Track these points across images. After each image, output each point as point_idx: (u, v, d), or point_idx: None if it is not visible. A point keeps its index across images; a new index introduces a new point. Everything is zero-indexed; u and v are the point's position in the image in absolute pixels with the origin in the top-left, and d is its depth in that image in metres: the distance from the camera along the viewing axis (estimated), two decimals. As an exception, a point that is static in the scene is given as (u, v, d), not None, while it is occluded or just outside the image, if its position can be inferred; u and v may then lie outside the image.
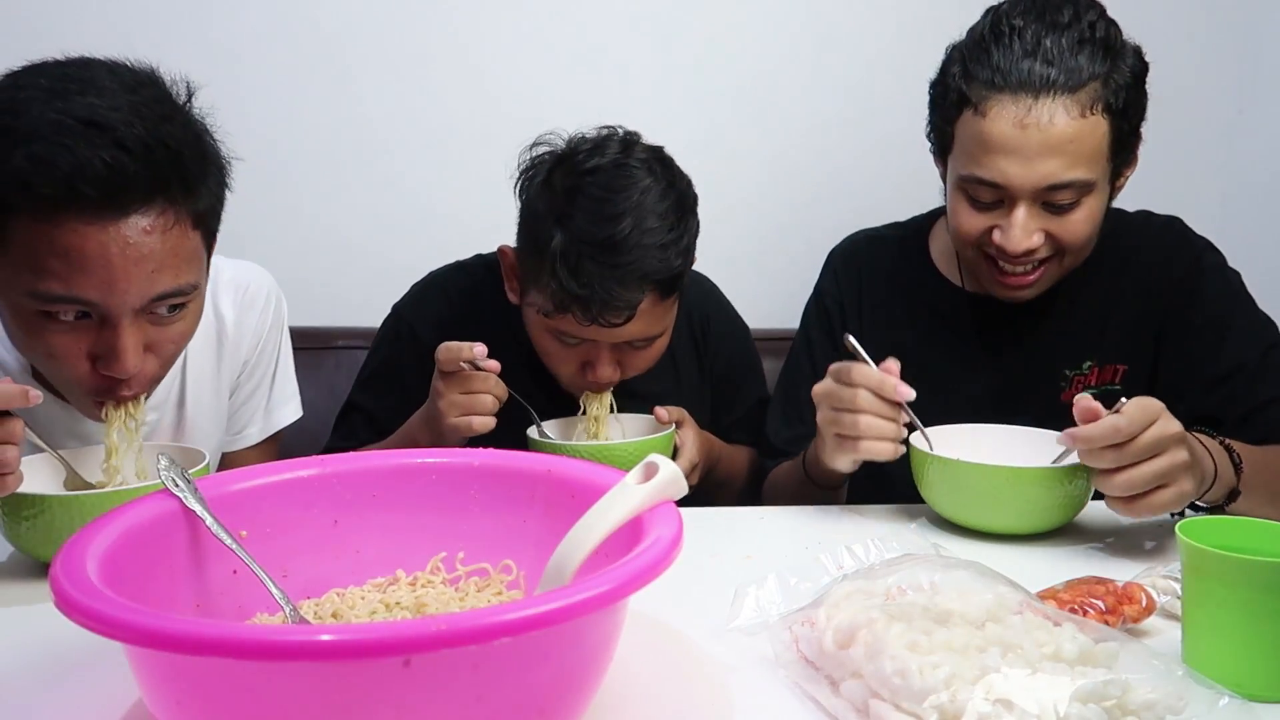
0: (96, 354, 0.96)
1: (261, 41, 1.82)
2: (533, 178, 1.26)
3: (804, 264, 1.63)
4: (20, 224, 0.89)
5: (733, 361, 1.52)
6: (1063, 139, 1.13)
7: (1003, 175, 1.15)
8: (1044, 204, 1.17)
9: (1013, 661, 0.63)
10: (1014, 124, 1.13)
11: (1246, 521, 0.77)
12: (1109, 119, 1.14)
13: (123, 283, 0.91)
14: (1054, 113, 1.12)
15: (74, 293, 0.90)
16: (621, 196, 1.19)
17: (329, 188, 1.88)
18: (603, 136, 1.27)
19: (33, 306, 0.93)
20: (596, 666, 0.64)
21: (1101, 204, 1.20)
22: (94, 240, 0.89)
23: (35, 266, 0.90)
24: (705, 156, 1.92)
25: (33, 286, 0.91)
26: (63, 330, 0.94)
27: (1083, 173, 1.14)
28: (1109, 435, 0.94)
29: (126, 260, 0.91)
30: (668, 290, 1.24)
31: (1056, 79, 1.12)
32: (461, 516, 0.83)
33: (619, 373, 1.29)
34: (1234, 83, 2.05)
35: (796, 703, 0.71)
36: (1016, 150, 1.14)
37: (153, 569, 0.69)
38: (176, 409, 1.23)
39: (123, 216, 0.90)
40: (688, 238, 1.25)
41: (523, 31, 1.88)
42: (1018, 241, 1.17)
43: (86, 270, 0.90)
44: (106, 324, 0.94)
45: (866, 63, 1.95)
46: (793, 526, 1.12)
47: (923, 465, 1.10)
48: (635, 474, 0.69)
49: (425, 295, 1.45)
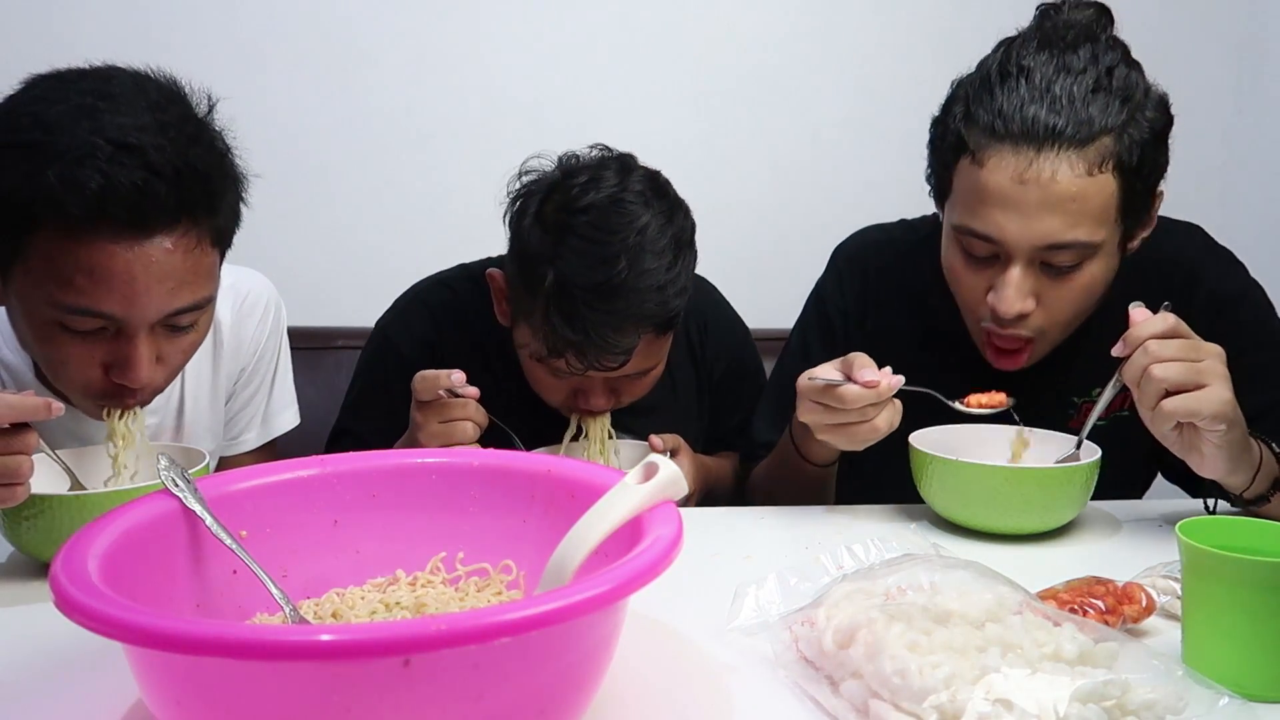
0: (110, 363, 0.97)
1: (262, 44, 1.82)
2: (523, 209, 1.20)
3: (803, 263, 1.62)
4: (46, 238, 0.91)
5: (732, 365, 1.48)
6: (1064, 197, 1.04)
7: (998, 230, 1.07)
8: (1042, 264, 1.08)
9: (1012, 661, 0.63)
10: (1013, 178, 1.05)
11: (1246, 521, 0.77)
12: (1119, 178, 1.05)
13: (144, 299, 0.94)
14: (1057, 167, 1.03)
15: (96, 307, 0.93)
16: (617, 237, 1.13)
17: (329, 188, 1.88)
18: (597, 162, 1.21)
19: (52, 315, 0.94)
20: (596, 666, 0.64)
21: (1106, 270, 1.11)
22: (120, 259, 0.91)
23: (59, 279, 0.92)
24: (705, 156, 1.94)
25: (55, 298, 0.93)
26: (78, 340, 0.96)
27: (1085, 234, 1.05)
28: (1162, 329, 0.94)
29: (149, 278, 0.93)
30: (665, 329, 1.21)
31: (1063, 130, 1.03)
32: (461, 516, 0.83)
33: (612, 401, 1.26)
34: (1233, 83, 2.05)
35: (796, 703, 0.71)
36: (1014, 206, 1.05)
37: (153, 569, 0.69)
38: (176, 414, 1.24)
39: (148, 236, 0.92)
40: (685, 275, 1.20)
41: (522, 32, 1.88)
42: (1009, 303, 1.08)
43: (110, 286, 0.92)
44: (122, 335, 0.96)
45: (866, 63, 1.95)
46: (793, 526, 1.12)
47: (923, 465, 1.10)
48: (635, 474, 0.69)
49: (409, 312, 1.41)
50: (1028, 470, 1.06)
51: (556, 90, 1.89)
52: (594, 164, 1.21)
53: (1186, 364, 0.94)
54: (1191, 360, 0.95)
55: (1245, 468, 1.00)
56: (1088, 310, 1.15)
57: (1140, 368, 0.96)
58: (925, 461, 1.09)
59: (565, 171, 1.20)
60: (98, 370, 0.98)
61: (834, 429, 1.08)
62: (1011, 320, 1.10)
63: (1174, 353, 0.95)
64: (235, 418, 1.33)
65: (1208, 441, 0.96)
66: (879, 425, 1.06)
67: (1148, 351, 0.95)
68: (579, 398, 1.25)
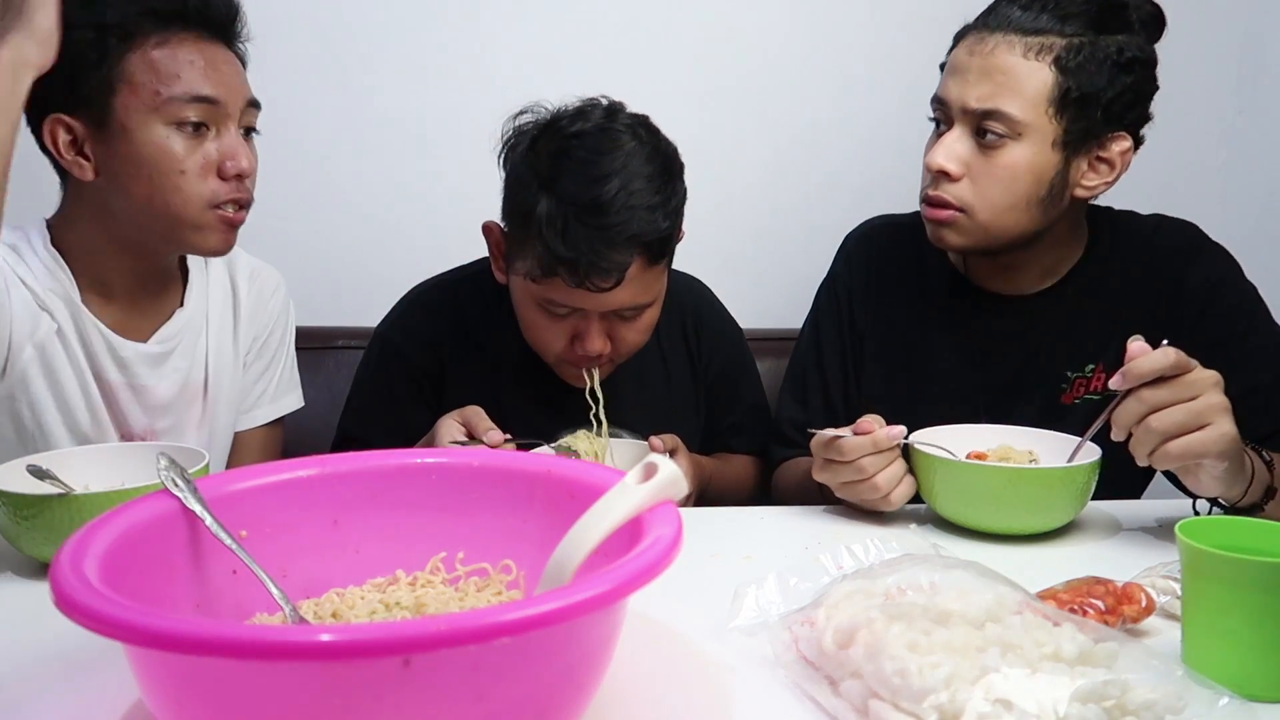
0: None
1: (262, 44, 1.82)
2: (516, 146, 1.25)
3: (803, 263, 1.63)
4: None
5: (727, 364, 1.49)
6: (998, 68, 1.17)
7: (944, 91, 1.22)
8: (976, 132, 1.20)
9: (1012, 661, 0.63)
10: (966, 49, 1.20)
11: (1246, 521, 0.78)
12: (1056, 73, 1.16)
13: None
14: (999, 45, 1.18)
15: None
16: (607, 159, 1.18)
17: (329, 188, 1.88)
18: (588, 104, 1.26)
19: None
20: (596, 666, 0.64)
21: (1031, 163, 1.19)
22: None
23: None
24: (704, 156, 1.93)
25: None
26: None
27: (1011, 108, 1.16)
28: (1159, 361, 0.93)
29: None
30: (657, 254, 1.22)
31: (1019, 21, 1.18)
32: (461, 516, 0.82)
33: (609, 346, 1.26)
34: (1234, 83, 2.05)
35: (796, 703, 0.71)
36: (960, 71, 1.20)
37: (153, 569, 0.69)
38: (204, 366, 1.28)
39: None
40: (676, 199, 1.23)
41: (522, 30, 1.88)
42: (936, 156, 1.21)
43: None
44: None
45: (864, 62, 1.95)
46: (793, 526, 1.12)
47: (923, 465, 1.10)
48: (635, 474, 0.69)
49: (409, 315, 1.43)
50: (1028, 470, 1.06)
51: (557, 91, 1.88)
52: (584, 105, 1.26)
53: (1184, 406, 0.94)
54: (1188, 401, 0.94)
55: (1240, 483, 1.02)
56: (1013, 205, 1.21)
57: (1135, 415, 0.95)
58: (925, 461, 1.09)
59: (556, 114, 1.25)
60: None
61: (844, 487, 1.10)
62: (938, 174, 1.22)
63: (1169, 397, 0.94)
64: (249, 390, 1.36)
65: (1206, 471, 0.98)
66: (879, 482, 1.07)
67: (1142, 400, 0.94)
68: (576, 344, 1.25)
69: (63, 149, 1.10)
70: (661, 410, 1.40)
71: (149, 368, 1.22)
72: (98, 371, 1.17)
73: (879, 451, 1.07)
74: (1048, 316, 1.31)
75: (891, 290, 1.40)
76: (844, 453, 1.08)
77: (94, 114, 1.09)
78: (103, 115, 1.08)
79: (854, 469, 1.07)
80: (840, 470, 1.09)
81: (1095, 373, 1.29)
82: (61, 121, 1.09)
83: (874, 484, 1.08)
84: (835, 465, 1.09)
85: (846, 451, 1.07)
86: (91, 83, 1.07)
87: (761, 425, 1.49)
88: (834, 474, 1.10)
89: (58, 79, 1.01)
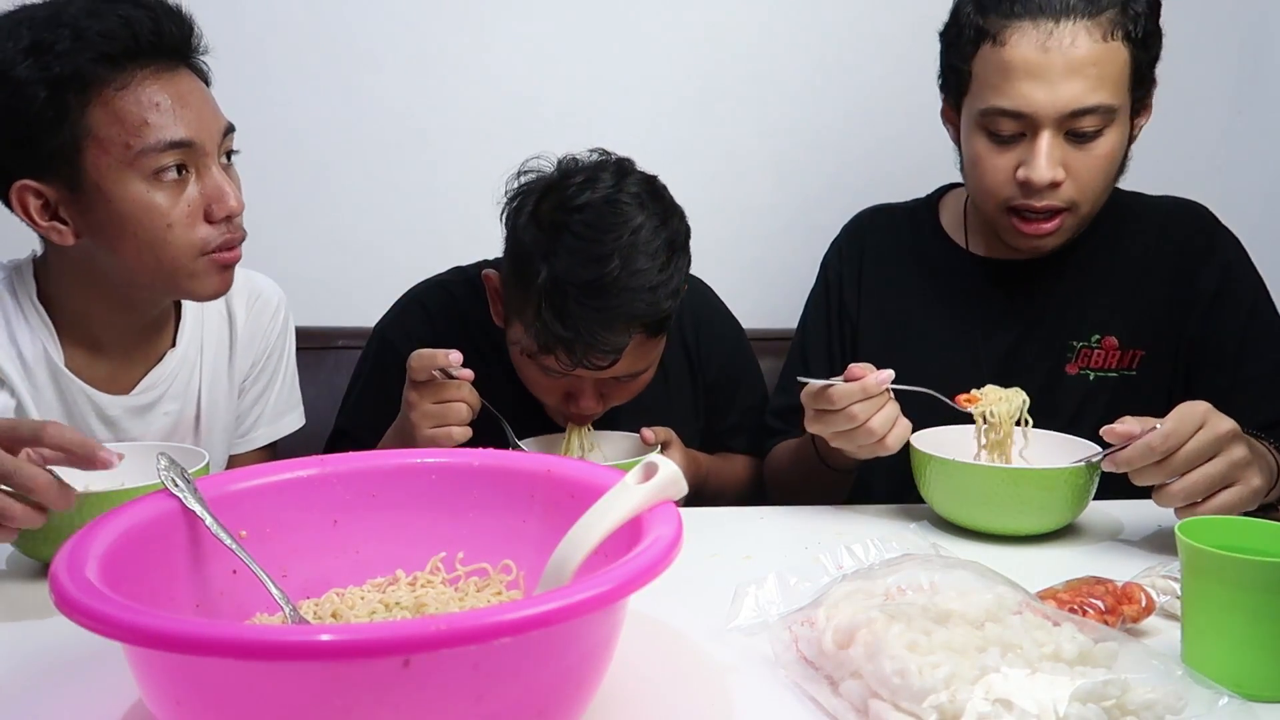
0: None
1: (263, 44, 1.82)
2: (519, 207, 1.21)
3: (803, 263, 1.62)
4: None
5: (727, 365, 1.49)
6: (1085, 61, 1.11)
7: (1026, 101, 1.14)
8: (1068, 133, 1.15)
9: (1012, 661, 0.63)
10: (1036, 47, 1.12)
11: (1246, 521, 0.78)
12: (1129, 47, 1.13)
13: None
14: (1076, 35, 1.11)
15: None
16: (610, 236, 1.13)
17: (330, 188, 1.88)
18: (595, 164, 1.21)
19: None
20: (596, 666, 0.64)
21: (1122, 140, 1.18)
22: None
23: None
24: (704, 156, 1.94)
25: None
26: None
27: (1106, 97, 1.13)
28: (1145, 456, 0.93)
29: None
30: (656, 331, 1.21)
31: (1076, 4, 1.12)
32: (461, 516, 0.83)
33: (603, 405, 1.26)
34: (1233, 83, 2.05)
35: (796, 703, 0.71)
36: (1040, 74, 1.12)
37: (153, 569, 0.69)
38: (195, 402, 1.25)
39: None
40: (678, 278, 1.19)
41: (523, 31, 1.88)
42: (1042, 172, 1.14)
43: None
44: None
45: (865, 63, 1.95)
46: (793, 526, 1.12)
47: (923, 465, 1.10)
48: (635, 474, 0.69)
49: (406, 314, 1.42)
50: (1028, 471, 1.06)
51: (556, 90, 1.89)
52: (591, 166, 1.21)
53: (1206, 473, 0.93)
54: (1209, 461, 0.93)
55: (1271, 481, 1.01)
56: (1110, 184, 1.20)
57: (1156, 479, 0.94)
58: (925, 461, 1.09)
59: (563, 173, 1.21)
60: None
61: (838, 436, 1.09)
62: (1046, 188, 1.16)
63: (1186, 462, 0.92)
64: (245, 414, 1.34)
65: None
66: (873, 427, 1.06)
67: (1162, 469, 0.93)
68: (569, 401, 1.26)
69: (36, 215, 1.02)
70: (659, 411, 1.40)
71: (136, 419, 1.18)
72: (81, 430, 1.06)
73: (869, 397, 1.05)
74: (1052, 284, 1.30)
75: (887, 269, 1.39)
76: (834, 401, 1.05)
77: (64, 177, 1.00)
78: (74, 177, 1.00)
79: (845, 416, 1.05)
80: (832, 419, 1.07)
81: (1101, 343, 1.28)
82: (30, 188, 1.01)
83: (868, 429, 1.05)
84: (827, 415, 1.07)
85: (837, 399, 1.05)
86: (54, 143, 0.99)
87: (762, 423, 1.49)
88: (826, 424, 1.08)
89: (17, 143, 0.96)
